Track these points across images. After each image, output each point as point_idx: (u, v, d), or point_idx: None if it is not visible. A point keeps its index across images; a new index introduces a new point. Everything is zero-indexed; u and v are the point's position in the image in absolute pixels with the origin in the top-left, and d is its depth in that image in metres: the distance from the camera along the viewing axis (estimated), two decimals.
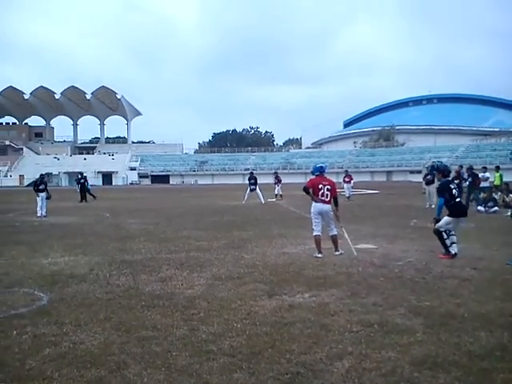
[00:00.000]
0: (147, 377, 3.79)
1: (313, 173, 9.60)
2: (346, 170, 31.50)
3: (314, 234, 9.18)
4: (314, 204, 9.23)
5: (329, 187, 9.15)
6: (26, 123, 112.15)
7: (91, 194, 31.31)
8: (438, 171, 9.99)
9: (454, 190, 8.96)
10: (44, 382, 3.75)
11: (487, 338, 4.52)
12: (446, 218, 8.86)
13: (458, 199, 8.97)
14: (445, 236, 8.77)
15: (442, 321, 5.06)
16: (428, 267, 7.83)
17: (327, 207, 9.15)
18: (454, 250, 8.68)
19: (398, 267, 7.83)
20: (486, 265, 7.97)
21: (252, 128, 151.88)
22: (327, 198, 9.11)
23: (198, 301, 6.02)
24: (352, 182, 28.93)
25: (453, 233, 8.78)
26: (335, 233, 9.23)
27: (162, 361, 4.10)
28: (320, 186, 9.13)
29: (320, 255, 8.92)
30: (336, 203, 9.31)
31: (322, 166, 9.59)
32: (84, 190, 30.26)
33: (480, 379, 3.67)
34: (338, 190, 9.65)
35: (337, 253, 9.06)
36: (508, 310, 5.44)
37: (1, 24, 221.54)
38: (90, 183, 33.61)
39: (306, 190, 9.42)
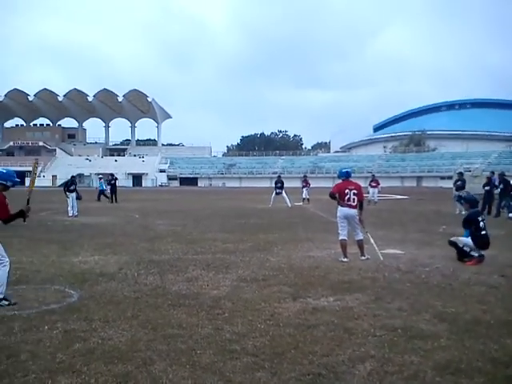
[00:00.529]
0: (172, 373, 3.89)
1: (339, 177, 9.61)
2: (373, 175, 31.16)
3: (340, 238, 9.17)
4: (340, 208, 9.23)
5: (355, 191, 9.13)
6: (60, 125, 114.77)
7: (106, 196, 31.03)
8: (466, 201, 9.81)
9: (481, 223, 8.90)
10: (73, 375, 3.88)
11: None
12: (467, 240, 8.81)
13: (483, 232, 8.87)
14: (460, 245, 8.80)
15: (468, 327, 5.03)
16: (455, 273, 7.75)
17: (353, 212, 9.14)
18: (475, 253, 8.63)
19: (425, 273, 7.78)
20: None
21: (280, 131, 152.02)
22: (354, 202, 9.10)
23: (223, 301, 6.11)
24: (379, 186, 28.66)
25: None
26: (361, 237, 9.20)
27: (187, 358, 4.20)
28: (346, 191, 9.13)
29: (346, 259, 8.93)
30: (361, 207, 9.29)
31: (347, 171, 9.58)
32: (114, 190, 30.44)
33: None
34: (364, 195, 9.63)
35: (363, 258, 9.04)
36: None
37: (37, 27, 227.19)
38: (103, 185, 33.06)
39: (331, 195, 9.43)
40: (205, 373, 3.90)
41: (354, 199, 9.09)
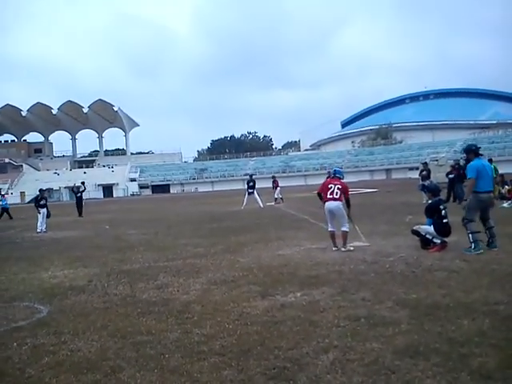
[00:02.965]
0: (140, 378, 3.97)
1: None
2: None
3: (328, 229, 9.92)
4: (325, 204, 9.84)
5: (339, 186, 9.72)
6: (25, 140, 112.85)
7: (8, 214, 29.07)
8: (428, 191, 10.16)
9: (443, 211, 9.18)
10: None
11: (469, 326, 4.69)
12: (429, 229, 9.10)
13: (445, 220, 9.16)
14: (423, 233, 9.12)
15: (428, 311, 5.23)
16: (418, 261, 8.00)
17: (335, 204, 9.65)
18: (438, 240, 8.92)
19: (389, 262, 8.00)
20: (476, 256, 8.14)
21: (250, 133, 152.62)
22: (337, 195, 9.65)
23: (193, 305, 6.19)
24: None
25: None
26: (344, 229, 9.65)
27: (155, 363, 4.27)
28: (330, 186, 9.79)
29: (335, 248, 9.63)
30: (348, 205, 9.88)
31: (335, 170, 10.40)
32: (80, 203, 28.16)
33: (458, 364, 3.83)
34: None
35: (343, 249, 9.47)
36: (492, 298, 5.60)
37: None
38: (6, 202, 30.30)
39: (319, 194, 10.26)
40: (172, 375, 3.99)
41: (337, 193, 9.65)
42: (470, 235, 8.54)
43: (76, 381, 4.01)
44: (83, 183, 30.98)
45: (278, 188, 29.01)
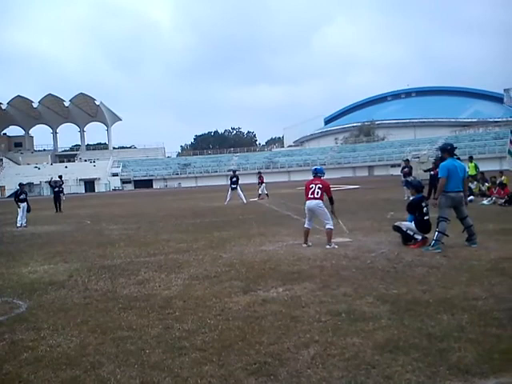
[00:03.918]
0: (120, 374, 3.94)
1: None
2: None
3: (304, 225, 10.06)
4: (305, 203, 9.91)
5: (320, 185, 9.73)
6: (5, 133, 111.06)
7: None
8: (412, 187, 10.22)
9: (424, 209, 9.27)
10: None
11: (448, 321, 4.75)
12: (410, 225, 9.19)
13: (426, 217, 9.24)
14: (404, 229, 9.20)
15: (408, 307, 5.28)
16: (399, 257, 8.08)
17: (314, 202, 9.68)
18: (419, 236, 9.01)
19: (371, 258, 8.07)
20: (456, 252, 8.25)
21: (234, 129, 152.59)
22: (317, 194, 9.68)
23: (175, 301, 6.16)
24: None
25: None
26: (328, 227, 9.64)
27: (136, 358, 4.25)
28: (311, 186, 9.82)
29: (304, 245, 9.81)
30: (331, 202, 9.91)
31: (316, 168, 10.30)
32: (58, 198, 27.33)
33: (437, 359, 3.87)
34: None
35: (328, 246, 9.46)
36: (471, 294, 5.68)
37: None
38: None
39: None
40: (153, 371, 3.96)
41: (317, 192, 9.68)
42: (437, 233, 8.63)
43: (55, 377, 3.96)
44: (60, 177, 30.39)
45: (263, 184, 28.99)
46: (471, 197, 18.60)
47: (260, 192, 28.47)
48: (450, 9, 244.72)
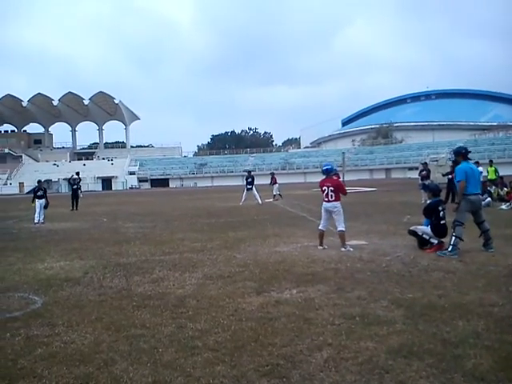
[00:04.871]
0: (133, 372, 3.95)
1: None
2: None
3: (319, 227, 9.96)
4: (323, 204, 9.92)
5: (332, 188, 9.63)
6: (25, 130, 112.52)
7: None
8: (429, 190, 10.06)
9: (441, 213, 9.15)
10: (34, 380, 3.90)
11: (463, 327, 4.68)
12: (426, 229, 9.09)
13: (442, 221, 9.13)
14: (420, 233, 9.11)
15: (423, 312, 5.22)
16: (415, 261, 8.00)
17: (330, 204, 9.67)
18: (435, 240, 8.91)
19: (386, 262, 8.00)
20: (473, 257, 8.14)
21: (251, 129, 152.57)
22: (331, 198, 9.62)
23: (188, 300, 6.18)
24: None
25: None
26: (341, 229, 9.55)
27: (149, 357, 4.26)
28: (324, 188, 9.74)
29: (320, 247, 9.68)
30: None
31: (326, 168, 10.05)
32: (76, 196, 27.22)
33: (451, 365, 3.82)
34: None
35: (343, 249, 9.35)
36: (487, 300, 5.60)
37: None
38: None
39: None
40: (165, 369, 3.97)
41: (331, 195, 9.61)
42: (453, 238, 8.50)
43: (69, 373, 3.99)
44: (78, 173, 29.74)
45: (276, 184, 28.92)
46: (488, 199, 18.29)
47: (274, 193, 28.43)
48: (472, 10, 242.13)
